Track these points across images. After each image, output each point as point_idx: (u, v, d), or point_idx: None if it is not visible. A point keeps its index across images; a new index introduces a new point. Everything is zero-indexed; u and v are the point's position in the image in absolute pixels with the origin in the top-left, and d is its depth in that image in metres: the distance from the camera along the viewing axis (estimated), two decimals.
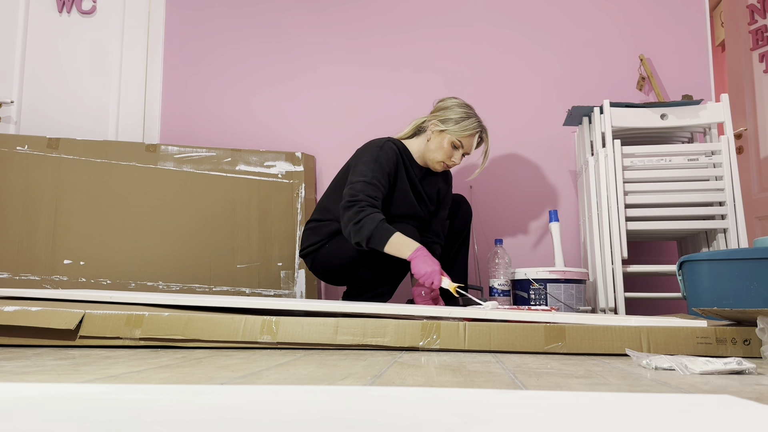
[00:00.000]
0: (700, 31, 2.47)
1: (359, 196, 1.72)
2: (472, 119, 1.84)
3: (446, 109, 1.86)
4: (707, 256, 1.55)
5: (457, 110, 1.85)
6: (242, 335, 1.08)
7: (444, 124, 1.84)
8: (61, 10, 2.60)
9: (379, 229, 1.65)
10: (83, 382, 0.65)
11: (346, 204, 1.72)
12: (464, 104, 1.88)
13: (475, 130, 1.84)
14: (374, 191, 1.74)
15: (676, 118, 2.04)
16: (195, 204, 2.23)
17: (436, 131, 1.86)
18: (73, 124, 2.53)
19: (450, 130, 1.83)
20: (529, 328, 1.09)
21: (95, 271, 2.11)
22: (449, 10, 2.57)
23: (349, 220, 1.70)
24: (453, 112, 1.84)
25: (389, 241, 1.65)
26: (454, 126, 1.83)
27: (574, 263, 2.37)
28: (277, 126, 2.54)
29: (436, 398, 0.53)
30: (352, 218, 1.69)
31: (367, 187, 1.74)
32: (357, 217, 1.68)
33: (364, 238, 1.67)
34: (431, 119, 1.89)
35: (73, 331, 1.07)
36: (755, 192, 2.77)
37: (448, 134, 1.84)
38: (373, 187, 1.74)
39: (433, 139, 1.87)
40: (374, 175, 1.76)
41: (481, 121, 1.87)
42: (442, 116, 1.85)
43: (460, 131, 1.83)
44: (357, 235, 1.68)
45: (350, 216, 1.70)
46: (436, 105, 1.92)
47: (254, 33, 2.60)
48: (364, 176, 1.76)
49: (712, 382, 0.74)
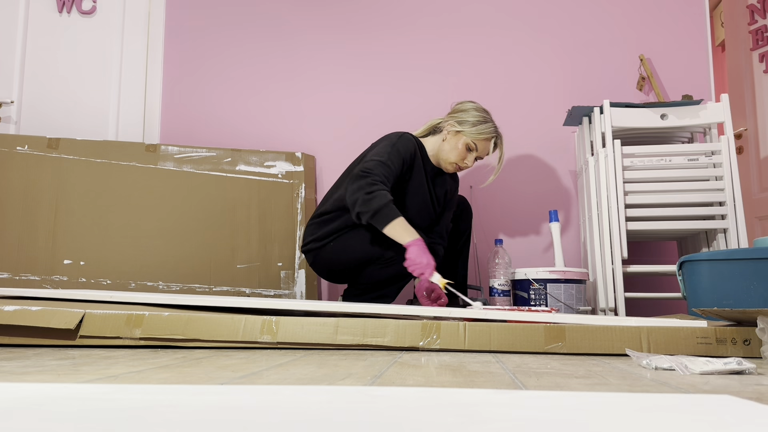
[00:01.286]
0: (700, 31, 2.47)
1: (375, 171, 1.70)
2: (488, 123, 1.86)
3: (464, 111, 1.88)
4: (707, 256, 1.55)
5: (474, 113, 1.86)
6: (242, 335, 1.08)
7: (461, 126, 1.85)
8: (61, 10, 2.60)
9: (386, 207, 1.64)
10: (83, 382, 0.65)
11: (359, 174, 1.70)
12: (482, 108, 1.90)
13: (491, 134, 1.86)
14: (387, 172, 1.73)
15: (676, 118, 2.04)
16: (195, 204, 2.23)
17: (452, 132, 1.87)
18: (73, 124, 2.53)
19: (466, 132, 1.84)
20: (529, 328, 1.09)
21: (95, 271, 2.11)
22: (450, 10, 2.57)
23: (360, 188, 1.67)
24: (470, 115, 1.86)
25: (392, 222, 1.64)
26: (471, 128, 1.84)
27: (574, 263, 2.37)
28: (277, 126, 2.54)
29: (436, 398, 0.53)
30: (363, 187, 1.67)
31: (381, 166, 1.73)
32: (370, 188, 1.66)
33: (369, 210, 1.64)
34: (448, 120, 1.90)
35: (73, 331, 1.07)
36: (755, 192, 2.77)
37: (464, 136, 1.85)
38: (386, 168, 1.74)
39: (448, 140, 1.88)
40: (390, 158, 1.76)
41: (497, 127, 1.89)
42: (459, 118, 1.87)
43: (476, 134, 1.84)
44: (363, 205, 1.65)
45: (362, 185, 1.67)
46: (453, 107, 1.93)
47: (254, 33, 2.60)
48: (380, 156, 1.76)
49: (712, 382, 0.74)
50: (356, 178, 1.70)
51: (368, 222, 1.67)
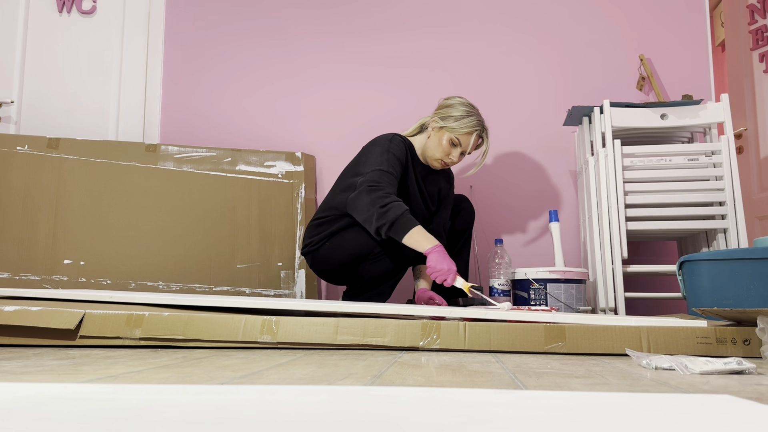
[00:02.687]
0: (700, 31, 2.47)
1: (382, 183, 1.70)
2: (472, 117, 1.84)
3: (449, 107, 1.87)
4: (707, 256, 1.55)
5: (459, 108, 1.85)
6: (242, 335, 1.08)
7: (444, 121, 1.84)
8: (61, 10, 2.60)
9: (403, 218, 1.64)
10: (83, 382, 0.65)
11: (368, 188, 1.69)
12: (467, 103, 1.88)
13: (473, 128, 1.83)
14: (392, 180, 1.74)
15: (676, 118, 2.04)
16: (195, 204, 2.23)
17: (436, 128, 1.87)
18: (73, 124, 2.53)
19: (449, 127, 1.83)
20: (529, 328, 1.09)
21: (95, 271, 2.11)
22: (450, 8, 2.57)
23: (373, 203, 1.66)
24: (455, 110, 1.84)
25: (411, 231, 1.64)
26: (454, 123, 1.83)
27: (574, 263, 2.37)
28: (277, 126, 2.54)
29: (436, 398, 0.53)
30: (377, 202, 1.66)
31: (385, 176, 1.73)
32: (383, 201, 1.66)
33: (387, 222, 1.64)
34: (433, 116, 1.90)
35: (73, 331, 1.07)
36: (755, 192, 2.77)
37: (447, 131, 1.84)
38: (390, 176, 1.74)
39: (433, 136, 1.88)
40: (390, 165, 1.76)
41: (482, 121, 1.87)
42: (443, 113, 1.86)
43: (458, 128, 1.83)
44: (380, 219, 1.64)
45: (374, 199, 1.67)
46: (440, 103, 1.92)
47: (254, 33, 2.60)
48: (380, 166, 1.75)
49: (712, 382, 0.74)
50: (366, 192, 1.69)
51: (387, 235, 1.66)
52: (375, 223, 1.66)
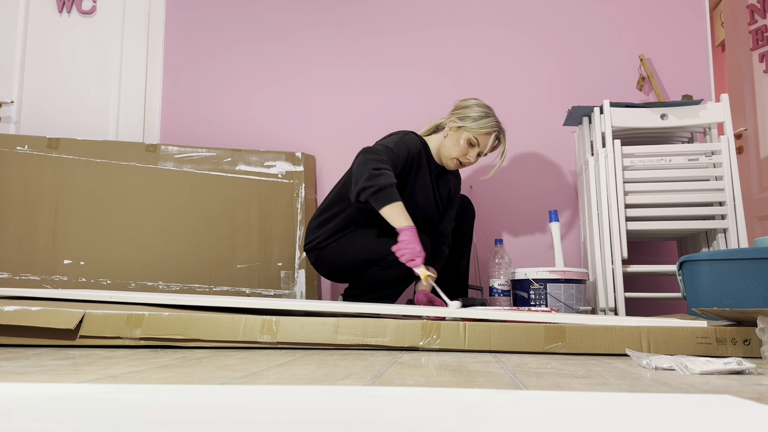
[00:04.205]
0: (700, 31, 2.47)
1: (382, 152, 1.71)
2: (490, 118, 1.86)
3: (466, 107, 1.88)
4: (707, 256, 1.55)
5: (476, 109, 1.86)
6: (242, 335, 1.08)
7: (462, 121, 1.85)
8: (61, 10, 2.60)
9: (390, 188, 1.65)
10: (83, 382, 0.65)
11: (366, 150, 1.71)
12: (484, 105, 1.90)
13: (492, 128, 1.85)
14: (393, 157, 1.74)
15: (676, 118, 2.03)
16: (195, 204, 2.23)
17: (454, 127, 1.87)
18: (73, 124, 2.53)
19: (467, 127, 1.84)
20: (529, 328, 1.09)
21: (95, 271, 2.11)
22: (450, 10, 2.57)
23: (366, 164, 1.67)
24: (472, 111, 1.86)
25: (392, 204, 1.63)
26: (472, 123, 1.84)
27: (574, 263, 2.37)
28: (277, 126, 2.54)
29: (436, 398, 0.53)
30: (370, 162, 1.67)
31: (387, 150, 1.74)
32: (378, 165, 1.66)
33: (374, 186, 1.63)
34: (450, 117, 1.90)
35: (73, 331, 1.07)
36: (755, 192, 2.77)
37: (466, 131, 1.85)
38: (392, 153, 1.75)
39: (450, 136, 1.89)
40: (396, 147, 1.77)
41: (499, 123, 1.89)
42: (461, 114, 1.87)
43: (477, 128, 1.84)
44: (369, 180, 1.64)
45: (368, 160, 1.67)
46: (456, 104, 1.93)
47: (254, 33, 2.60)
48: (388, 144, 1.77)
49: (712, 382, 0.74)
50: (365, 152, 1.71)
51: (367, 199, 1.65)
52: (361, 183, 1.65)
